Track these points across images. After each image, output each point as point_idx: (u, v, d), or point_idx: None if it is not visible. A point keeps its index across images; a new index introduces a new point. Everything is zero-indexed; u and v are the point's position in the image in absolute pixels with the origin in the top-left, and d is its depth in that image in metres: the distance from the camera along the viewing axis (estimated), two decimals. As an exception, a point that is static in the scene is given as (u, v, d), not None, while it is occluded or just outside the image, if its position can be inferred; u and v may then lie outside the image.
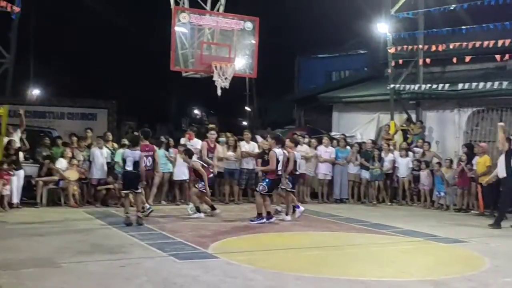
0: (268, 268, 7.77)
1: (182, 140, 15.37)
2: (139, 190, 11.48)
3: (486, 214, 13.97)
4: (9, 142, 13.21)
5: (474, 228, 12.00)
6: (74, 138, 14.95)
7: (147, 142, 12.02)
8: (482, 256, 8.99)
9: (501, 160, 12.20)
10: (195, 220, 12.13)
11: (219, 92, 15.73)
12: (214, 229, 11.00)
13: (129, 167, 11.27)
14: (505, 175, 12.04)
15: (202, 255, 8.51)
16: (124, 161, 11.46)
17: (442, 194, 15.36)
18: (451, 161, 15.59)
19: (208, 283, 6.94)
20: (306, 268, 7.97)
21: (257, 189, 12.15)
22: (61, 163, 13.97)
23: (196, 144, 15.34)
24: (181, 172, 14.76)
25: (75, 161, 13.98)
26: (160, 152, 14.14)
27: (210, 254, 8.60)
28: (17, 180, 13.08)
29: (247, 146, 15.64)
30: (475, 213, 14.47)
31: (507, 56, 15.65)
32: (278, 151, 11.99)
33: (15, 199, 13.06)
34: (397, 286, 7.02)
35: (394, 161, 16.39)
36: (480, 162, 14.34)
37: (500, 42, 15.15)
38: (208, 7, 16.58)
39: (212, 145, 14.40)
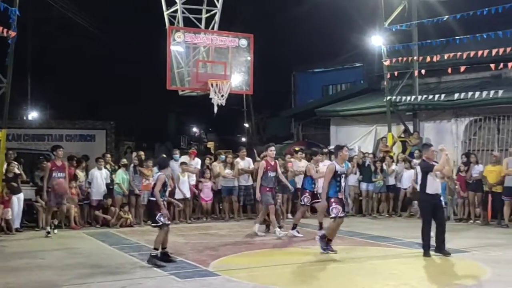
0: (269, 284, 7.77)
1: (184, 159, 15.40)
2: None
3: (492, 223, 13.98)
4: (8, 165, 13.22)
5: (476, 238, 11.97)
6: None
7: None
8: (484, 265, 8.98)
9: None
10: (195, 239, 12.11)
11: (215, 109, 15.79)
12: (214, 247, 10.98)
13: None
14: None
15: (203, 273, 8.50)
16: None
17: (443, 204, 15.29)
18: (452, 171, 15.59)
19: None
20: (308, 283, 7.96)
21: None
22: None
23: (197, 163, 15.41)
24: (184, 190, 14.75)
25: (73, 184, 13.97)
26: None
27: (211, 272, 8.58)
28: (17, 203, 13.08)
29: (242, 163, 15.66)
30: (479, 223, 14.41)
31: (501, 65, 15.74)
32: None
33: (16, 223, 13.06)
34: (399, 298, 7.02)
35: (395, 173, 16.41)
36: (495, 171, 14.28)
37: (494, 51, 15.23)
38: (202, 25, 16.72)
39: (272, 163, 12.54)
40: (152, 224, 9.51)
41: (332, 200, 9.97)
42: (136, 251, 10.38)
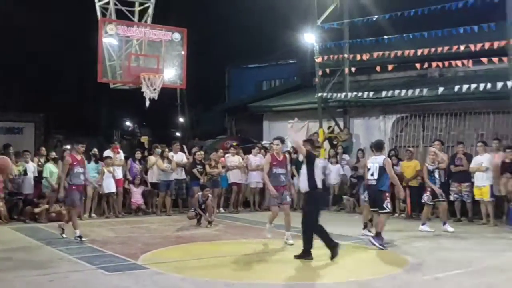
0: (198, 277, 7.83)
1: (108, 153, 15.21)
2: None
3: (414, 216, 14.54)
4: None
5: (399, 230, 12.40)
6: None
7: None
8: (405, 256, 9.36)
9: (303, 172, 9.42)
10: (125, 233, 12.02)
11: (147, 103, 15.70)
12: (144, 240, 10.95)
13: None
14: (307, 188, 9.28)
15: (132, 266, 8.47)
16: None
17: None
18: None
19: (138, 294, 6.95)
20: (236, 275, 8.08)
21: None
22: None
23: (121, 157, 15.25)
24: (109, 185, 14.60)
25: (-1, 177, 13.52)
26: (91, 166, 14.10)
27: (140, 265, 8.56)
28: None
29: (175, 156, 15.66)
30: (403, 216, 14.95)
31: (426, 65, 16.34)
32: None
33: None
34: (324, 288, 7.24)
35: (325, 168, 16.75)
36: (410, 166, 14.85)
37: (419, 51, 15.77)
38: (135, 18, 16.56)
39: (280, 158, 10.78)
40: None
41: None
42: (64, 245, 10.20)
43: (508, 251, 9.97)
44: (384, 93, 16.96)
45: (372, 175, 10.32)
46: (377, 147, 10.69)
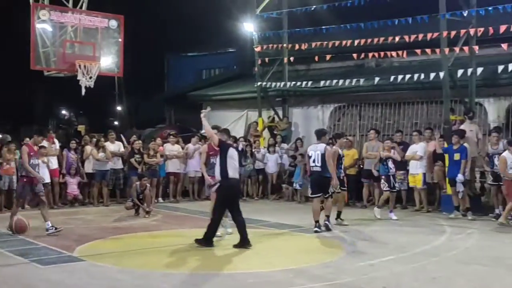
0: (135, 268, 7.75)
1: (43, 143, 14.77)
2: None
3: (350, 204, 14.84)
4: None
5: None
6: None
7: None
8: (342, 243, 9.56)
9: (217, 161, 9.53)
10: (61, 224, 11.70)
11: (83, 91, 15.34)
12: (81, 232, 10.72)
13: None
14: (219, 177, 9.36)
15: (67, 259, 8.29)
16: None
17: (298, 186, 15.87)
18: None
19: (73, 286, 6.80)
20: (174, 266, 8.04)
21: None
22: None
23: (56, 147, 14.86)
24: (43, 175, 14.17)
25: None
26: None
27: (75, 257, 8.39)
28: None
29: (111, 146, 15.37)
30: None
31: (363, 55, 16.62)
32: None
33: None
34: (261, 277, 7.28)
35: (264, 157, 16.87)
36: (349, 155, 15.08)
37: (356, 42, 16.03)
38: (70, 4, 16.09)
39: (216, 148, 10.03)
40: None
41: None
42: (-5, 238, 9.89)
43: (439, 236, 10.31)
44: (322, 83, 17.15)
45: (314, 161, 10.68)
46: (318, 135, 11.06)
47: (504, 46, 13.87)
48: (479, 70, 14.06)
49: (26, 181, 10.55)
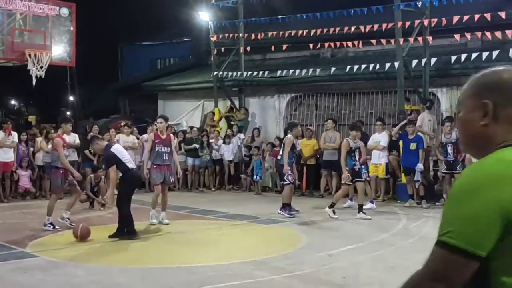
0: (91, 263, 7.57)
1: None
2: None
3: (307, 193, 14.91)
4: None
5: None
6: None
7: None
8: (300, 234, 9.58)
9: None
10: (12, 219, 11.40)
11: (34, 81, 14.89)
12: (33, 226, 10.41)
13: None
14: (120, 172, 9.69)
15: (20, 255, 8.03)
16: None
17: (258, 178, 15.88)
18: (273, 145, 16.23)
19: (26, 284, 6.59)
20: (131, 259, 7.90)
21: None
22: None
23: (14, 138, 14.42)
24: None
25: None
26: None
27: (28, 253, 8.14)
28: None
29: (67, 138, 14.93)
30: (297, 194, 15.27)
31: (319, 45, 16.67)
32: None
33: None
34: (220, 269, 7.20)
35: (221, 147, 16.78)
36: (309, 145, 15.15)
37: (312, 32, 16.05)
38: (19, -10, 15.55)
39: (163, 136, 10.78)
40: None
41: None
42: None
43: (396, 225, 10.45)
44: (278, 73, 17.14)
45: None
46: (286, 128, 11.91)
47: (457, 36, 14.14)
48: (433, 60, 14.28)
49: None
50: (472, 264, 1.62)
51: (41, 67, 14.85)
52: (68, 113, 35.41)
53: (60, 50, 15.87)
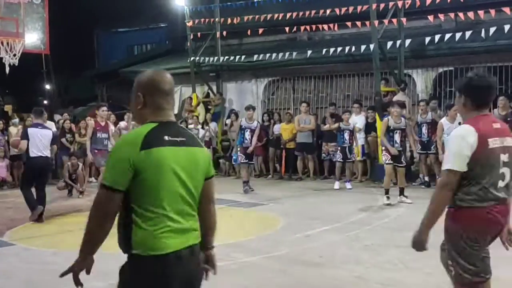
0: (69, 250, 7.51)
1: None
2: None
3: (285, 177, 15.01)
4: None
5: (272, 191, 12.76)
6: None
7: None
8: (278, 216, 9.66)
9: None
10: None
11: (7, 70, 14.69)
12: (10, 215, 10.38)
13: None
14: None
15: (-3, 244, 8.02)
16: None
17: (234, 162, 15.88)
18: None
19: (2, 272, 6.58)
20: (110, 247, 7.87)
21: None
22: None
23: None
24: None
25: None
26: None
27: (5, 242, 8.13)
28: None
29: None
30: (276, 177, 15.37)
31: (295, 28, 16.68)
32: None
33: None
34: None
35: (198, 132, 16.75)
36: (288, 129, 15.22)
37: (288, 15, 16.04)
38: (-11, -23, 15.29)
39: (102, 124, 11.70)
40: None
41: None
42: None
43: (373, 205, 10.60)
44: (255, 57, 17.12)
45: None
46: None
47: (431, 18, 14.22)
48: (407, 42, 14.37)
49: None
50: (116, 195, 2.85)
51: (14, 55, 14.63)
52: (45, 102, 35.11)
53: (33, 37, 15.62)
